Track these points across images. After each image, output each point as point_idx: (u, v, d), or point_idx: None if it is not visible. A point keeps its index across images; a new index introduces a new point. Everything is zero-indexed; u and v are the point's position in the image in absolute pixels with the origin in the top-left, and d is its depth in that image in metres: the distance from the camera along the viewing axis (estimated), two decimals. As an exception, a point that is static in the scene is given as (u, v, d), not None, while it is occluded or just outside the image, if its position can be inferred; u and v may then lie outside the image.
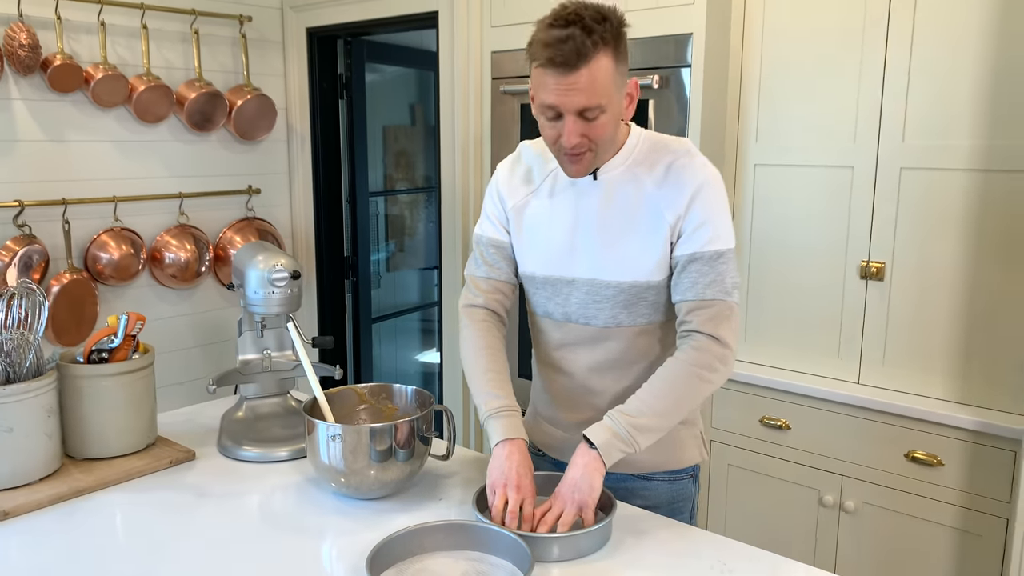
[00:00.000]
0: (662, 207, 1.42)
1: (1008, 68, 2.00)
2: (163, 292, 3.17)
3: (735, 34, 2.42)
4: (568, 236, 1.48)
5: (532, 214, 1.53)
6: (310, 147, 3.50)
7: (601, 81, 1.31)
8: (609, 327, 1.47)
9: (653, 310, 1.46)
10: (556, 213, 1.49)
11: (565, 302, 1.50)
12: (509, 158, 1.61)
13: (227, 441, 1.75)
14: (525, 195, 1.54)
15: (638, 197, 1.44)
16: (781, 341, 2.47)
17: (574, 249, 1.47)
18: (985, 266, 2.09)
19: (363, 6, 3.14)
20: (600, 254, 1.45)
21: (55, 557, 1.32)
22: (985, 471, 2.06)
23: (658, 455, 1.54)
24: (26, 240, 2.70)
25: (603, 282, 1.45)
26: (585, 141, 1.36)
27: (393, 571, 1.26)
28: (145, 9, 2.94)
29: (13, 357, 1.53)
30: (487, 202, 1.60)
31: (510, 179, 1.57)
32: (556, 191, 1.50)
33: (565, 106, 1.33)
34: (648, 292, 1.45)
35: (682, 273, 1.42)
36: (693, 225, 1.41)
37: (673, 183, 1.42)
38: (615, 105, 1.37)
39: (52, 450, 1.58)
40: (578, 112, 1.33)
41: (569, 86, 1.31)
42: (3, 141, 2.69)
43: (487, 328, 1.57)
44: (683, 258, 1.42)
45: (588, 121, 1.34)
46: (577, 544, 1.31)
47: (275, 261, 1.74)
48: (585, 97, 1.31)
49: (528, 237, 1.53)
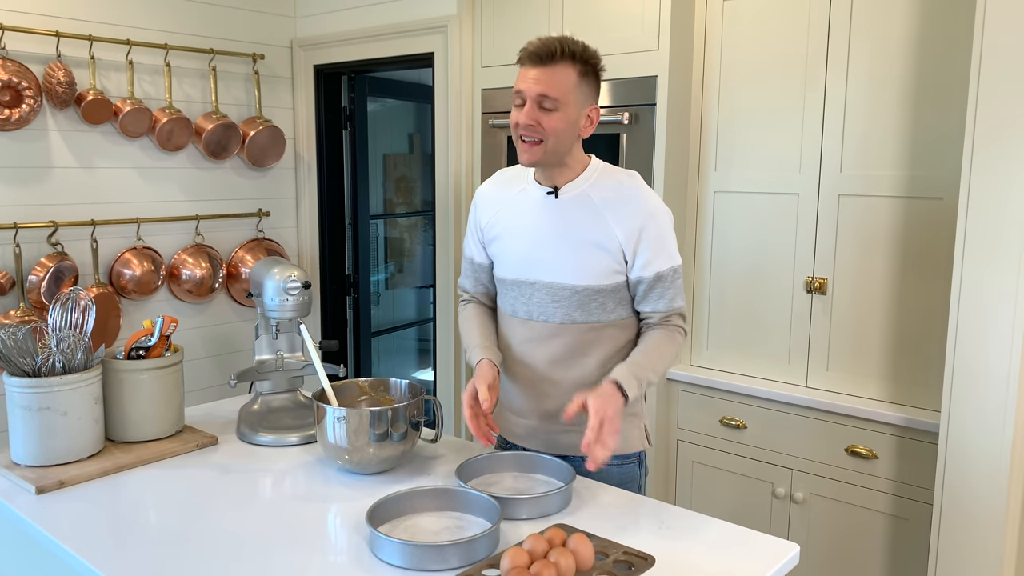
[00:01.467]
0: (612, 225, 1.70)
1: (924, 111, 2.29)
2: (180, 306, 3.45)
3: (696, 76, 2.72)
4: (532, 245, 1.76)
5: (503, 226, 1.81)
6: (316, 174, 3.79)
7: (562, 82, 1.64)
8: (565, 324, 1.75)
9: (601, 310, 1.74)
10: (523, 225, 1.77)
11: (528, 301, 1.78)
12: (487, 180, 1.91)
13: (245, 428, 2.02)
14: (497, 210, 1.82)
15: (591, 215, 1.72)
16: (738, 349, 2.74)
17: (537, 256, 1.75)
18: (910, 281, 2.37)
19: (366, 46, 3.45)
20: (558, 261, 1.73)
21: (101, 519, 1.58)
22: (912, 463, 2.32)
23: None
24: (58, 257, 2.98)
25: (561, 284, 1.73)
26: (539, 129, 1.65)
27: (388, 526, 1.52)
28: (168, 49, 3.24)
29: (67, 353, 1.81)
30: (468, 221, 1.90)
31: (486, 198, 1.87)
32: (524, 206, 1.78)
33: (528, 91, 1.65)
34: (598, 295, 1.73)
35: (650, 290, 1.73)
36: (651, 251, 1.72)
37: (624, 207, 1.71)
38: (571, 111, 1.67)
39: (98, 433, 1.85)
40: (537, 99, 1.64)
41: (536, 76, 1.65)
42: (40, 168, 2.98)
43: (477, 306, 1.93)
44: (649, 278, 1.72)
45: (544, 111, 1.65)
46: (541, 504, 1.58)
47: (289, 273, 2.03)
48: (545, 87, 1.64)
49: (499, 245, 1.82)
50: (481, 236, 1.87)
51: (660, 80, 2.62)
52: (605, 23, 2.72)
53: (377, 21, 3.38)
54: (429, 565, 1.37)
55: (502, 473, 1.75)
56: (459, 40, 3.10)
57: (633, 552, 1.27)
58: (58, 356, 1.79)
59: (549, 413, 1.82)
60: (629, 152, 2.72)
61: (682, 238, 2.78)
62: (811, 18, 2.46)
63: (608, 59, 2.74)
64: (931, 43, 2.27)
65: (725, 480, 2.71)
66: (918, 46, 2.29)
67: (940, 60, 2.26)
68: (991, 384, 2.01)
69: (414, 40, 3.26)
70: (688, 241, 2.80)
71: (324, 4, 3.59)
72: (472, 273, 1.92)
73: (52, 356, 1.79)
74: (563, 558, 1.18)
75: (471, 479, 1.70)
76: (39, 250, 2.99)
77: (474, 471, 1.72)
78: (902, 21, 2.31)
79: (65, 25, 2.99)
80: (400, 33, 3.29)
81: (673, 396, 2.80)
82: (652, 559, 1.25)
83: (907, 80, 2.32)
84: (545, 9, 2.89)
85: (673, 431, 2.82)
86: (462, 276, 1.97)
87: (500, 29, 3.03)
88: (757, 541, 1.49)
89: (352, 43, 3.49)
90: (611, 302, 1.74)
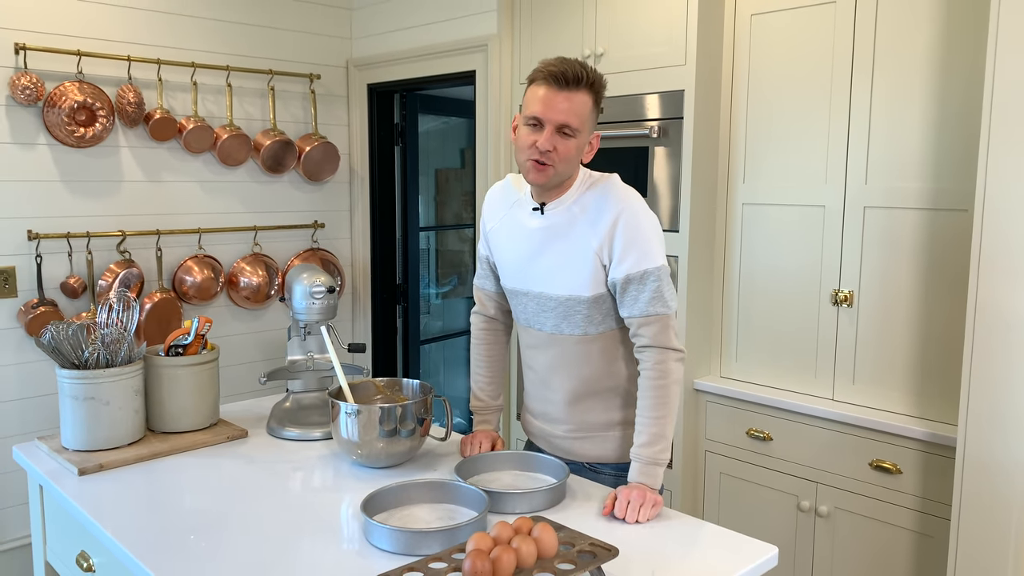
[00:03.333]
0: (588, 236, 1.72)
1: (948, 123, 2.27)
2: (237, 312, 3.65)
3: (724, 90, 2.75)
4: (522, 256, 1.82)
5: (501, 236, 1.88)
6: (368, 187, 3.96)
7: (582, 110, 1.66)
8: (554, 334, 1.80)
9: (588, 322, 1.77)
10: (515, 237, 1.84)
11: (524, 310, 1.85)
12: (495, 185, 1.96)
13: (274, 424, 2.16)
14: (498, 219, 1.90)
15: (572, 228, 1.74)
16: (766, 361, 2.75)
17: (527, 267, 1.81)
18: (936, 293, 2.34)
19: (415, 66, 3.60)
20: (544, 272, 1.78)
21: (138, 500, 1.73)
22: (936, 478, 2.29)
23: (602, 450, 1.84)
24: (126, 264, 3.22)
25: (547, 295, 1.79)
26: (554, 154, 1.67)
27: (384, 515, 1.62)
28: (230, 70, 3.47)
29: (111, 348, 1.98)
30: (480, 221, 1.98)
31: (490, 205, 1.93)
32: (517, 219, 1.84)
33: (549, 117, 1.65)
34: (581, 306, 1.75)
35: (623, 293, 1.71)
36: (620, 251, 1.69)
37: (595, 212, 1.72)
38: (584, 137, 1.70)
39: (138, 422, 2.02)
40: (558, 126, 1.65)
41: (561, 104, 1.64)
42: (112, 181, 3.23)
43: (485, 336, 2.00)
44: (620, 280, 1.70)
45: (562, 137, 1.66)
46: (532, 500, 1.65)
47: (316, 279, 2.16)
48: (567, 116, 1.64)
49: (498, 254, 1.90)
50: (487, 239, 1.94)
51: (687, 94, 2.66)
52: (635, 39, 2.79)
53: (425, 41, 3.53)
54: (415, 550, 1.46)
55: (503, 471, 1.83)
56: (499, 58, 3.21)
57: (599, 544, 1.33)
58: (103, 351, 1.97)
59: (551, 417, 1.88)
60: (657, 165, 2.77)
61: (710, 249, 2.81)
62: (836, 32, 2.47)
63: (636, 74, 2.83)
64: (955, 55, 2.25)
65: (751, 492, 2.71)
66: (942, 58, 2.28)
67: (964, 72, 2.24)
68: (1009, 398, 1.97)
69: (458, 59, 3.39)
70: (717, 253, 2.82)
71: (377, 26, 3.77)
72: (483, 272, 1.99)
73: (98, 351, 1.96)
74: (525, 544, 1.25)
75: (472, 475, 1.79)
76: (109, 257, 3.23)
77: (476, 468, 1.81)
78: (926, 33, 2.30)
79: (136, 50, 3.24)
80: (445, 52, 3.43)
81: (701, 407, 2.82)
82: (616, 550, 1.31)
83: (931, 92, 2.30)
84: (579, 27, 2.97)
85: (701, 442, 2.83)
86: (477, 276, 2.01)
87: (537, 47, 3.13)
88: (737, 542, 1.53)
89: (402, 62, 3.65)
90: (597, 314, 1.76)
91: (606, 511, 1.62)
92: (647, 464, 1.69)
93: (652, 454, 1.69)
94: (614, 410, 1.83)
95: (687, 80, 2.66)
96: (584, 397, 1.82)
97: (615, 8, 2.85)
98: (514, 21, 3.21)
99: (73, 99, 3.02)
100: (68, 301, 3.14)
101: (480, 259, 1.99)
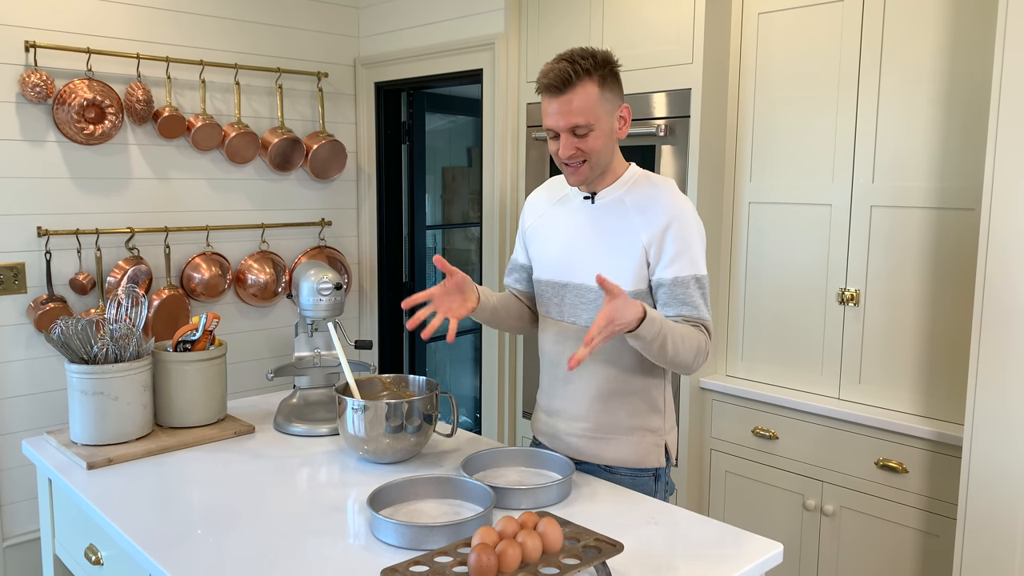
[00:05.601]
0: (639, 229, 1.73)
1: (955, 121, 2.27)
2: (245, 309, 3.67)
3: (731, 88, 2.75)
4: (567, 247, 1.82)
5: (543, 230, 1.89)
6: (375, 186, 3.98)
7: (586, 104, 1.66)
8: (588, 327, 1.76)
9: None
10: (560, 228, 1.85)
11: (561, 303, 1.84)
12: (536, 189, 1.99)
13: (280, 419, 2.17)
14: (540, 215, 1.91)
15: (623, 220, 1.76)
16: (772, 360, 2.75)
17: (570, 258, 1.81)
18: (942, 292, 2.34)
19: (422, 64, 3.61)
20: (588, 264, 1.78)
21: (146, 494, 1.75)
22: (944, 478, 2.28)
23: (622, 452, 1.83)
24: (135, 261, 3.24)
25: (588, 287, 1.78)
26: (580, 153, 1.69)
27: (390, 510, 1.63)
28: (238, 68, 3.48)
29: (120, 343, 2.00)
30: (519, 227, 1.99)
31: (532, 204, 1.96)
32: (563, 211, 1.86)
33: (557, 126, 1.68)
34: None
35: (671, 296, 1.71)
36: (671, 254, 1.71)
37: (650, 210, 1.73)
38: (604, 124, 1.70)
39: (146, 417, 2.03)
40: (569, 130, 1.68)
41: (558, 108, 1.66)
42: (120, 178, 3.25)
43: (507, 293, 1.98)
44: (667, 282, 1.71)
45: (579, 137, 1.68)
46: (537, 495, 1.66)
47: (323, 275, 2.17)
48: (571, 117, 1.66)
49: (538, 248, 1.90)
50: (524, 238, 1.95)
51: (694, 93, 2.66)
52: (642, 37, 2.79)
53: (432, 40, 3.54)
54: (421, 545, 1.47)
55: (509, 467, 1.84)
56: (505, 56, 3.22)
57: (604, 539, 1.33)
58: (112, 346, 1.98)
59: (570, 415, 1.87)
60: (664, 163, 2.77)
61: (717, 248, 2.81)
62: (844, 30, 2.47)
63: (644, 72, 2.82)
64: (962, 54, 2.25)
65: (757, 491, 2.71)
66: (950, 56, 2.27)
67: (971, 70, 2.24)
68: (1016, 397, 1.97)
69: (465, 57, 3.40)
70: (724, 251, 2.82)
71: (385, 24, 3.78)
72: (521, 277, 1.99)
73: (107, 346, 1.97)
74: (530, 539, 1.25)
75: (478, 471, 1.79)
76: (118, 254, 3.25)
77: (482, 464, 1.81)
78: (934, 33, 2.30)
79: (145, 48, 3.25)
80: (452, 51, 3.44)
81: (707, 405, 2.82)
82: (621, 546, 1.31)
83: (938, 91, 2.30)
84: (586, 25, 2.97)
85: (707, 440, 2.83)
86: (509, 276, 2.02)
87: (544, 45, 3.13)
88: (743, 539, 1.53)
89: (409, 61, 3.66)
90: None
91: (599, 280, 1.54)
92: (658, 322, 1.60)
93: (664, 325, 1.61)
94: (639, 415, 1.82)
95: (694, 79, 2.66)
96: (611, 396, 1.81)
97: (622, 6, 2.85)
98: (521, 20, 3.22)
99: (83, 96, 3.03)
100: (77, 297, 3.16)
101: (513, 263, 2.00)
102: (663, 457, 1.86)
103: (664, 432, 1.86)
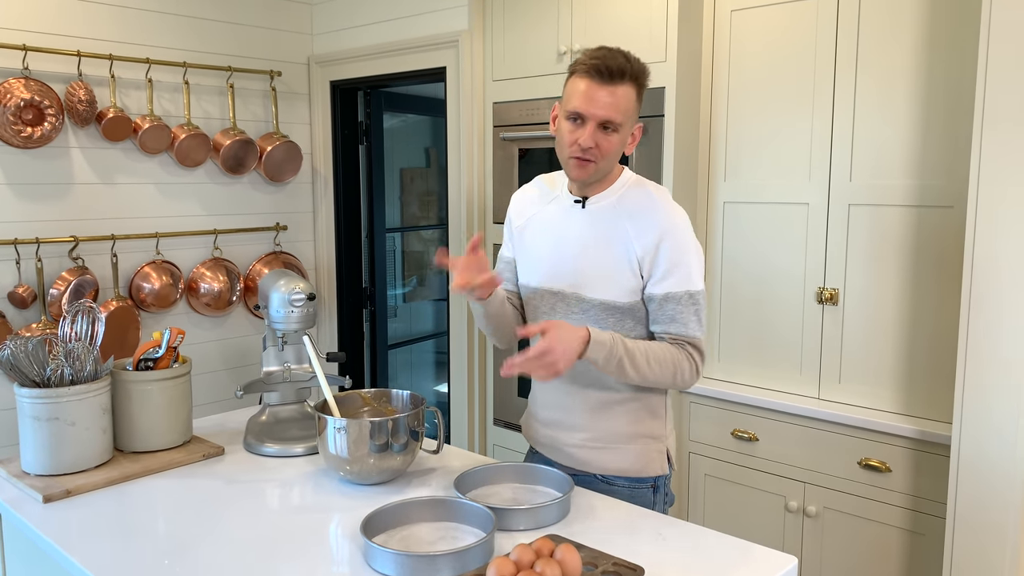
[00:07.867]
0: (631, 238, 1.67)
1: (933, 119, 2.27)
2: (198, 319, 3.50)
3: (704, 87, 2.72)
4: (558, 254, 1.75)
5: (532, 234, 1.81)
6: (332, 188, 3.84)
7: (625, 105, 1.60)
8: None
9: (619, 328, 1.70)
10: (550, 234, 1.77)
11: (551, 311, 1.76)
12: (524, 187, 1.90)
13: (251, 439, 2.04)
14: (528, 217, 1.83)
15: (615, 228, 1.69)
16: (750, 360, 2.72)
17: (562, 266, 1.74)
18: (922, 290, 2.34)
19: (380, 62, 3.49)
20: (580, 272, 1.71)
21: (109, 527, 1.61)
22: (928, 476, 2.28)
23: (622, 462, 1.77)
24: (79, 271, 3.05)
25: (580, 296, 1.71)
26: (596, 150, 1.62)
27: (384, 536, 1.52)
28: (187, 67, 3.31)
29: (76, 364, 1.84)
30: (505, 223, 1.90)
31: (520, 204, 1.87)
32: (553, 215, 1.78)
33: (591, 113, 1.59)
34: (614, 312, 1.69)
35: (660, 311, 1.66)
36: (664, 267, 1.65)
37: (643, 220, 1.67)
38: (626, 131, 1.64)
39: (106, 443, 1.88)
40: (601, 122, 1.60)
41: (604, 99, 1.57)
42: (62, 184, 3.05)
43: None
44: (658, 297, 1.65)
45: (604, 132, 1.61)
46: (537, 515, 1.57)
47: (294, 285, 2.05)
48: (610, 110, 1.58)
49: (526, 253, 1.82)
50: (512, 238, 1.87)
51: (668, 91, 2.62)
52: (613, 35, 2.73)
53: (391, 37, 3.42)
54: (422, 575, 1.37)
55: (502, 484, 1.75)
56: (470, 54, 3.12)
57: (622, 563, 1.26)
58: (67, 367, 1.83)
59: (566, 425, 1.80)
60: (638, 163, 2.72)
61: (692, 249, 2.77)
62: (819, 27, 2.45)
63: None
64: (940, 50, 2.25)
65: (737, 493, 2.68)
66: (927, 53, 2.27)
67: (949, 67, 2.24)
68: (1004, 395, 1.97)
69: (427, 55, 3.29)
70: (699, 252, 2.78)
71: (340, 21, 3.64)
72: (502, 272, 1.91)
73: (61, 367, 1.82)
74: (549, 568, 1.17)
75: (470, 490, 1.70)
76: (60, 264, 3.05)
77: (474, 482, 1.73)
78: (911, 29, 2.29)
79: (86, 45, 3.06)
80: (413, 48, 3.33)
81: (685, 408, 2.78)
82: (641, 570, 1.24)
83: (916, 88, 2.30)
84: (554, 22, 2.90)
85: (685, 443, 2.79)
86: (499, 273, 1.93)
87: (511, 43, 3.05)
88: (755, 553, 1.48)
89: (367, 59, 3.53)
90: (629, 320, 1.70)
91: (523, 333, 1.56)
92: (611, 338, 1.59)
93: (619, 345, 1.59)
94: (639, 422, 1.76)
95: (668, 77, 2.61)
96: (609, 405, 1.75)
97: (592, 3, 2.79)
98: (486, 16, 3.13)
99: (19, 97, 2.84)
100: (16, 312, 2.95)
101: (502, 260, 1.91)
102: (666, 463, 1.82)
103: (665, 437, 1.82)
